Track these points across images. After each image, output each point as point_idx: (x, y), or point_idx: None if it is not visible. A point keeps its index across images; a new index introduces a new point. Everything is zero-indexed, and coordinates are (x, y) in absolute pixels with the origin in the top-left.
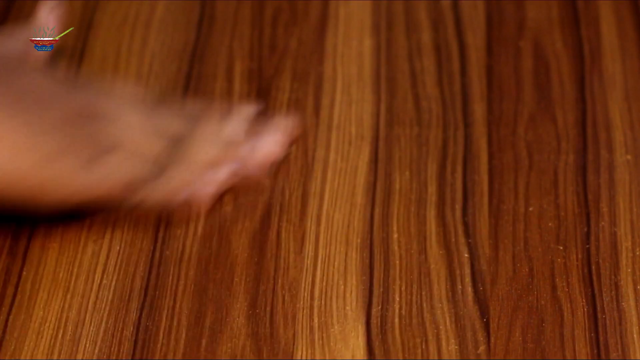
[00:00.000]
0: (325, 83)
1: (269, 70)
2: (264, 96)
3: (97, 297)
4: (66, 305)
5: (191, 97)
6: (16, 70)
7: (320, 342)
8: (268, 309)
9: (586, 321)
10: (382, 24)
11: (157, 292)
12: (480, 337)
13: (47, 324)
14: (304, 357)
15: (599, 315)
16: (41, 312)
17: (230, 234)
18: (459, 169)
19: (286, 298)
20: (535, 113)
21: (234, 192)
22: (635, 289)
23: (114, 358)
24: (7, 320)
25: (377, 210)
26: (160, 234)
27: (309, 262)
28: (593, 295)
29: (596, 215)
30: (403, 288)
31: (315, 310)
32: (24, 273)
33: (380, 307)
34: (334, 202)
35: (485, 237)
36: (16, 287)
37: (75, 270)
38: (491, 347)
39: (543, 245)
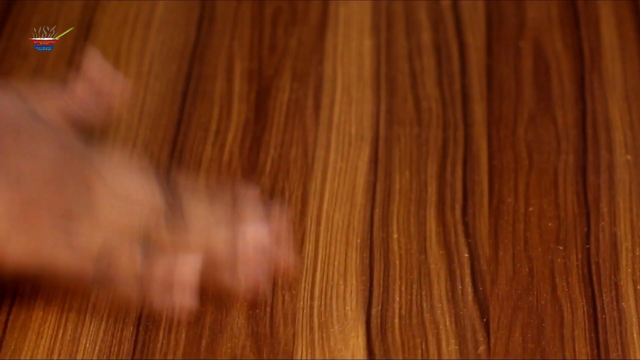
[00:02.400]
0: (325, 83)
1: (269, 70)
2: (263, 96)
3: (97, 297)
4: (66, 305)
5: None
6: (22, 132)
7: (320, 342)
8: (268, 309)
9: (586, 321)
10: (382, 24)
11: None
12: (480, 337)
13: (47, 324)
14: (304, 357)
15: (599, 315)
16: (41, 312)
17: None
18: (459, 169)
19: (286, 298)
20: (535, 113)
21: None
22: (635, 289)
23: (114, 358)
24: (7, 320)
25: (377, 210)
26: None
27: (309, 262)
28: (593, 295)
29: (596, 215)
30: (403, 288)
31: (315, 310)
32: None
33: (380, 307)
34: (334, 202)
35: (485, 237)
36: (16, 287)
37: None
38: (491, 347)
39: (543, 245)
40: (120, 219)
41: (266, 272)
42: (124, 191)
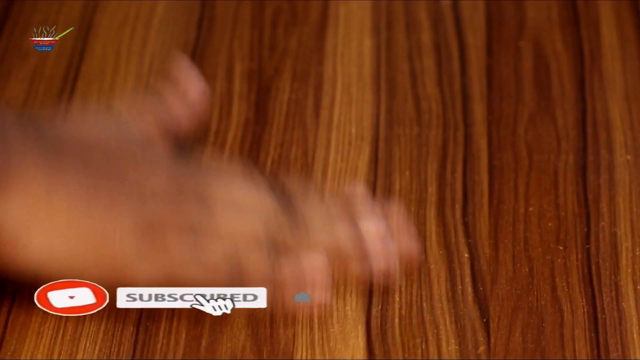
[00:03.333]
0: (325, 83)
1: (269, 70)
2: (263, 96)
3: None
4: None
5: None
6: (134, 158)
7: (320, 342)
8: (268, 309)
9: (586, 321)
10: (382, 24)
11: None
12: (480, 337)
13: (47, 324)
14: (304, 357)
15: (599, 315)
16: (41, 312)
17: None
18: (459, 169)
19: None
20: (535, 113)
21: None
22: (635, 289)
23: (114, 358)
24: (7, 320)
25: None
26: None
27: None
28: (593, 295)
29: (596, 215)
30: (403, 288)
31: (315, 310)
32: None
33: (380, 307)
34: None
35: (485, 237)
36: (16, 287)
37: None
38: (491, 347)
39: (543, 245)
40: (241, 226)
41: (394, 259)
42: (239, 198)
